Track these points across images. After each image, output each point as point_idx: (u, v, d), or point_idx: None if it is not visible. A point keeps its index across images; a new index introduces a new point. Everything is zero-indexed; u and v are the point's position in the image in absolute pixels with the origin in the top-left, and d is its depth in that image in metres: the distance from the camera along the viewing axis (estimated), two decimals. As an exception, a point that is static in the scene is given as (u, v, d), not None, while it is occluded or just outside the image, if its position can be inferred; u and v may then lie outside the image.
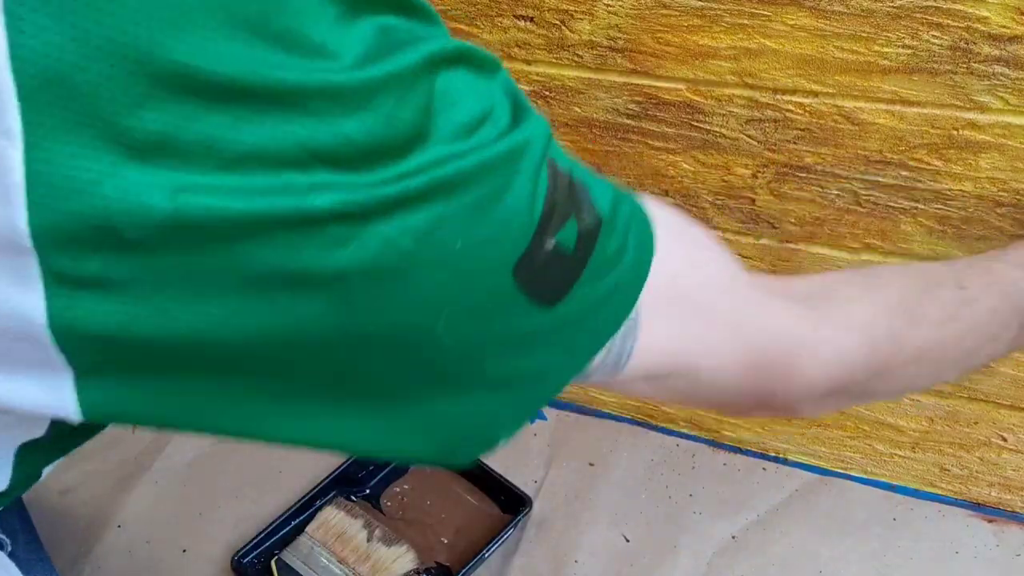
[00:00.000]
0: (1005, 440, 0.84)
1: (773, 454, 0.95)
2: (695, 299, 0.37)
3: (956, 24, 0.60)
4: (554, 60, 0.72)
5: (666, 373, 0.37)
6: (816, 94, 0.67)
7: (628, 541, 0.88)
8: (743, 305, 0.39)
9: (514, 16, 0.71)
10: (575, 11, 0.69)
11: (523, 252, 0.30)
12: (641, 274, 0.34)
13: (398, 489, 0.93)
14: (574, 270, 0.32)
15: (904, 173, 0.69)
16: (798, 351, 0.40)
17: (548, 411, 1.01)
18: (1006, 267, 0.50)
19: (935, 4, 0.59)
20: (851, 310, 0.43)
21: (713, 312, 0.38)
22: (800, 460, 0.94)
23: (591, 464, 0.95)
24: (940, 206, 0.70)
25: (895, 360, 0.44)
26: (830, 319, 0.42)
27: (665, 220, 0.37)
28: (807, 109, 0.68)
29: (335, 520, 0.87)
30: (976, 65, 0.61)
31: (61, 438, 0.39)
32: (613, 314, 0.34)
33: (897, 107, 0.65)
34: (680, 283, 0.36)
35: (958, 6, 0.59)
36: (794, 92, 0.67)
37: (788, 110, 0.68)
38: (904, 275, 0.48)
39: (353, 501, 0.91)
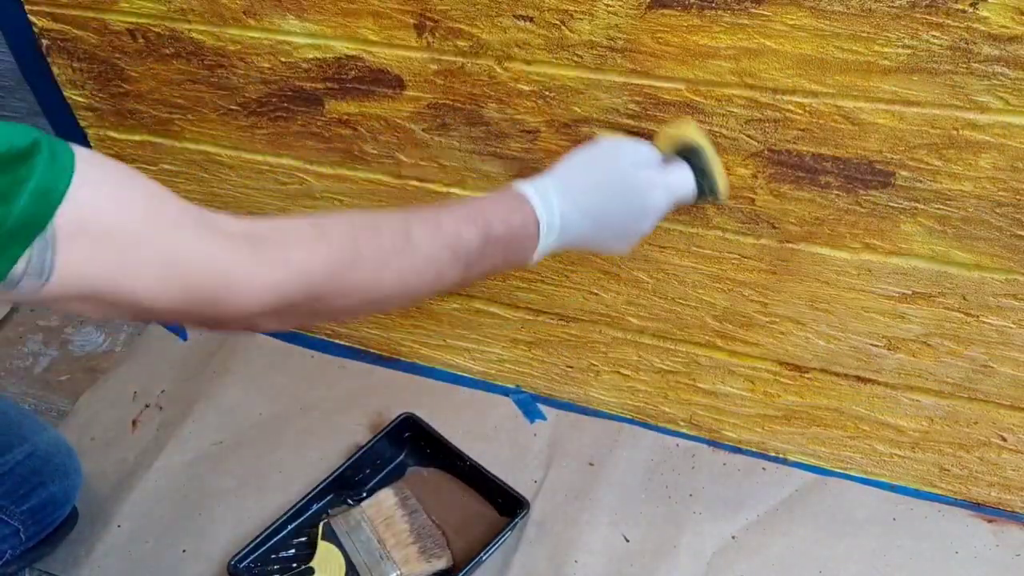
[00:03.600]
0: (1005, 440, 0.84)
1: (773, 454, 0.95)
2: (120, 233, 0.45)
3: (956, 24, 0.60)
4: (554, 60, 0.72)
5: (97, 295, 0.45)
6: (816, 94, 0.67)
7: (628, 541, 0.88)
8: (179, 241, 0.47)
9: (514, 16, 0.71)
10: (575, 11, 0.69)
11: None
12: (49, 200, 0.42)
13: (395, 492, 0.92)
14: None
15: (904, 173, 0.69)
16: (230, 282, 0.49)
17: (548, 411, 1.01)
18: (453, 220, 0.59)
19: (935, 4, 0.59)
20: (291, 247, 0.51)
21: (140, 245, 0.46)
22: (800, 460, 0.94)
23: (591, 464, 0.95)
24: (940, 206, 0.70)
25: (332, 287, 0.53)
26: (268, 254, 0.50)
27: (105, 167, 0.46)
28: (807, 109, 0.68)
29: (388, 505, 0.88)
30: (976, 65, 0.61)
31: None
32: (18, 230, 0.41)
33: (897, 107, 0.65)
34: (104, 218, 0.44)
35: (958, 6, 0.59)
36: (794, 92, 0.67)
37: (788, 110, 0.68)
38: (353, 224, 0.56)
39: (349, 505, 0.91)
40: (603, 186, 0.65)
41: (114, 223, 0.45)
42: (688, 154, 0.68)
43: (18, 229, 0.41)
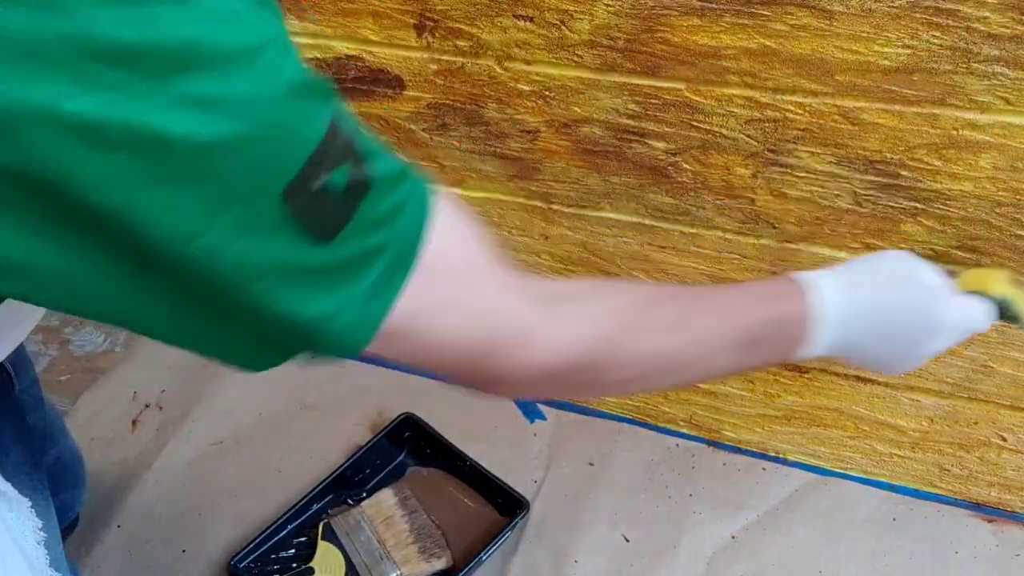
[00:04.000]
0: (1005, 440, 0.84)
1: (773, 454, 0.95)
2: (453, 272, 0.43)
3: (956, 24, 0.60)
4: (554, 60, 0.72)
5: (402, 332, 0.42)
6: (816, 94, 0.67)
7: (628, 541, 0.88)
8: (490, 289, 0.45)
9: (514, 16, 0.71)
10: (575, 11, 0.68)
11: (292, 178, 0.35)
12: (414, 240, 0.40)
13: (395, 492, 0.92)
14: (343, 213, 0.37)
15: (904, 173, 0.69)
16: (521, 338, 0.46)
17: (548, 411, 1.01)
18: (738, 293, 0.56)
19: (935, 4, 0.59)
20: (586, 308, 0.49)
21: (461, 288, 0.43)
22: (800, 460, 0.94)
23: (591, 464, 0.95)
24: (940, 206, 0.70)
25: (610, 360, 0.50)
26: (559, 316, 0.48)
27: (445, 206, 0.43)
28: (807, 109, 0.68)
29: (388, 505, 0.88)
30: (976, 65, 0.61)
31: None
32: (391, 271, 0.39)
33: (897, 107, 0.65)
34: (451, 257, 0.42)
35: (958, 6, 0.59)
36: (794, 92, 0.67)
37: (788, 110, 0.68)
38: (636, 289, 0.54)
39: (349, 505, 0.91)
40: (895, 285, 0.57)
41: (454, 262, 0.42)
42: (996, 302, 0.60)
43: (403, 254, 0.39)
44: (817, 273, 0.57)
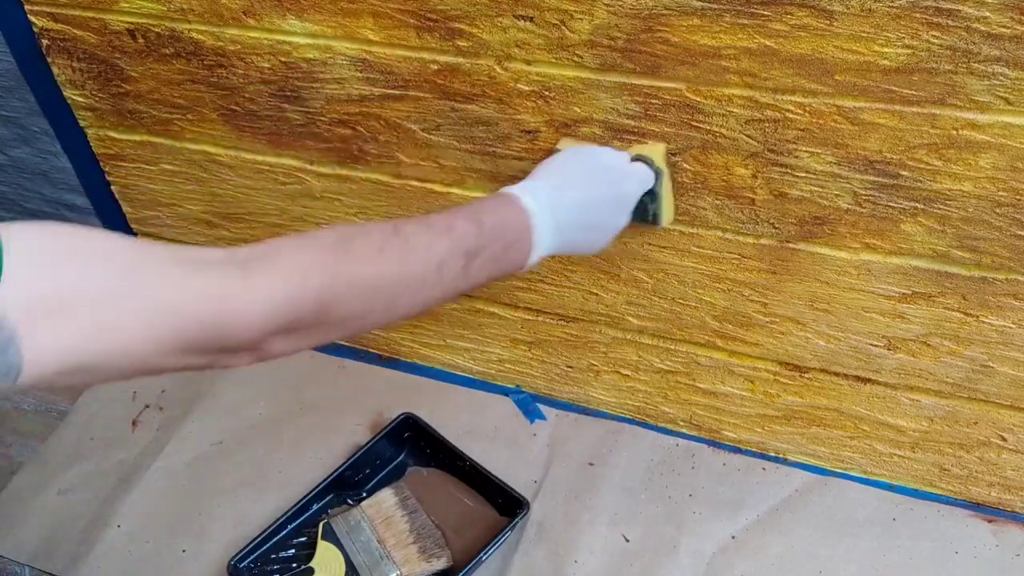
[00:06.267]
0: (1005, 440, 0.84)
1: (773, 454, 0.95)
2: (86, 298, 0.42)
3: (956, 24, 0.60)
4: (554, 60, 0.72)
5: (83, 367, 0.42)
6: (816, 94, 0.67)
7: (628, 541, 0.88)
8: (159, 285, 0.45)
9: (514, 16, 0.71)
10: (575, 11, 0.68)
11: None
12: None
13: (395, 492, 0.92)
14: None
15: (904, 173, 0.69)
16: (228, 304, 0.46)
17: (548, 411, 1.01)
18: (443, 215, 0.59)
19: (935, 4, 0.59)
20: (281, 259, 0.50)
21: (115, 302, 0.43)
22: (800, 460, 0.94)
23: (591, 464, 0.95)
24: (940, 206, 0.70)
25: (334, 291, 0.51)
26: (260, 270, 0.48)
27: (44, 236, 0.42)
28: (807, 109, 0.68)
29: (388, 505, 0.88)
30: (976, 65, 0.61)
31: None
32: None
33: (897, 107, 0.65)
34: (63, 290, 0.41)
35: (958, 6, 0.59)
36: (794, 92, 0.67)
37: (788, 110, 0.68)
38: (334, 230, 0.54)
39: (349, 505, 0.91)
40: (586, 178, 0.67)
41: (75, 291, 0.41)
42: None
43: None
44: (520, 187, 0.64)
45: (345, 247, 0.53)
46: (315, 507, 0.90)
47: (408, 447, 0.96)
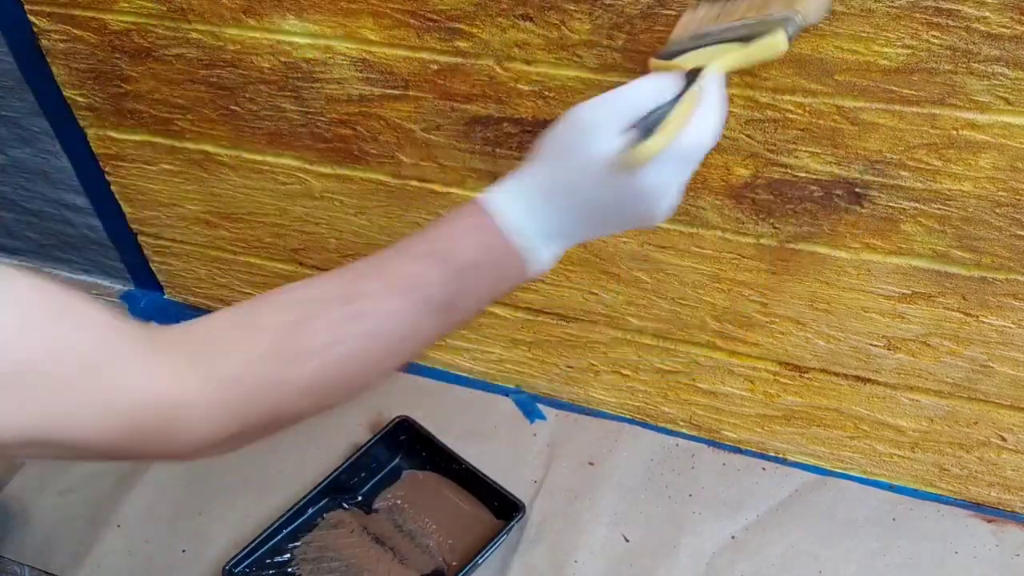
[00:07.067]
0: (1005, 440, 0.84)
1: (773, 454, 0.95)
2: (39, 375, 0.38)
3: (956, 24, 0.60)
4: (554, 60, 0.72)
5: (24, 443, 0.38)
6: (816, 94, 0.67)
7: (628, 541, 0.88)
8: (112, 373, 0.41)
9: (514, 16, 0.71)
10: (575, 11, 0.68)
11: None
12: None
13: (391, 496, 0.92)
14: None
15: (904, 173, 0.69)
16: (176, 414, 0.43)
17: (548, 411, 1.01)
18: (405, 262, 0.50)
19: (935, 4, 0.59)
20: (227, 364, 0.45)
21: (70, 385, 0.39)
22: (800, 460, 0.94)
23: (591, 464, 0.95)
24: (940, 206, 0.70)
25: (286, 398, 0.47)
26: (207, 376, 0.44)
27: (31, 301, 0.39)
28: (807, 109, 0.68)
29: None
30: (976, 65, 0.61)
31: None
32: None
33: (897, 107, 0.65)
34: (22, 363, 0.38)
35: (958, 6, 0.59)
36: (794, 92, 0.67)
37: (788, 110, 0.68)
38: (282, 310, 0.48)
39: (345, 509, 0.91)
40: (588, 190, 0.52)
41: (35, 364, 0.39)
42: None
43: None
44: (505, 190, 0.53)
45: (293, 339, 0.47)
46: (310, 511, 0.90)
47: (404, 450, 0.96)
